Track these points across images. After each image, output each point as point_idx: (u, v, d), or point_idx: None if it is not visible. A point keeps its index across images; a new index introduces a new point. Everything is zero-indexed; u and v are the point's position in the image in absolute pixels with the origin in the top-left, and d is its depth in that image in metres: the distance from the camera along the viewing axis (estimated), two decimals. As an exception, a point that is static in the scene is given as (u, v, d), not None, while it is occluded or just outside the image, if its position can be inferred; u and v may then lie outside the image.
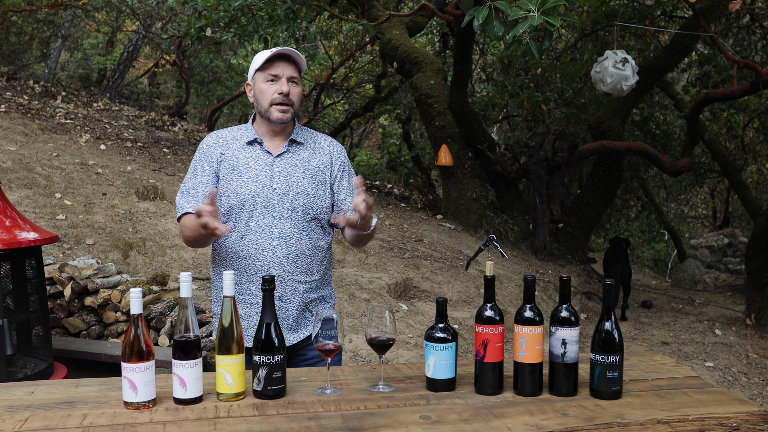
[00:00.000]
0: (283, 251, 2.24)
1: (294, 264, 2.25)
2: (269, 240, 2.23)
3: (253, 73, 2.32)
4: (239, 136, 2.34)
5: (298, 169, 2.29)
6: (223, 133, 2.36)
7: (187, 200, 2.28)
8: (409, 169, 14.38)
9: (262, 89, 2.28)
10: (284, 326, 2.26)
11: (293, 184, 2.26)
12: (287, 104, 2.26)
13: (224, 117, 18.57)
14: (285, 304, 2.26)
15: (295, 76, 2.29)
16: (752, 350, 6.65)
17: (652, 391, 1.84)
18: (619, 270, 7.82)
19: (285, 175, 2.27)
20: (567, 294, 1.81)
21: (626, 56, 6.69)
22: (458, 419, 1.62)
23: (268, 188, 2.25)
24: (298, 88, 2.30)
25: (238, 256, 2.25)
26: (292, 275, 2.25)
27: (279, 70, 2.26)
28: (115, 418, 1.61)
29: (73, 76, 16.04)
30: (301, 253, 2.26)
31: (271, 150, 2.30)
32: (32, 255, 2.96)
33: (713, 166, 12.80)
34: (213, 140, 2.33)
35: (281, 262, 2.23)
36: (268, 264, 2.23)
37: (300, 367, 2.23)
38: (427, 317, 5.65)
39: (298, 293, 2.27)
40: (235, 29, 6.80)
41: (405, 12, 10.70)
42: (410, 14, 8.59)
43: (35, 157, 6.98)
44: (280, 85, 2.25)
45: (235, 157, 2.29)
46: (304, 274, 2.28)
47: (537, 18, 2.97)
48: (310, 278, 2.30)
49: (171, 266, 5.56)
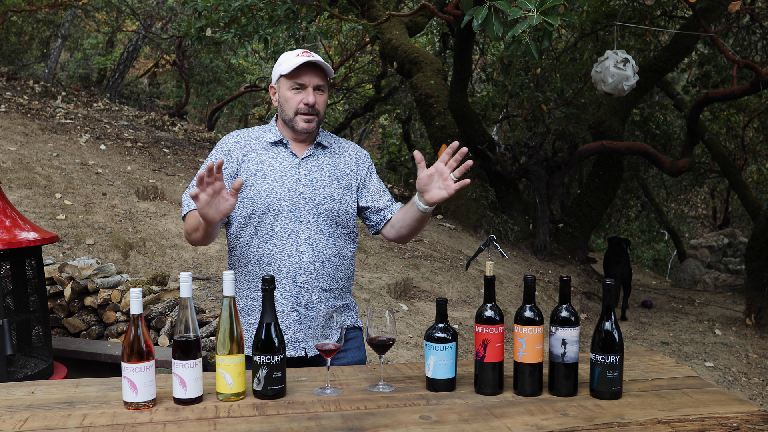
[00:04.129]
0: (309, 257, 2.16)
1: (320, 271, 2.17)
2: (296, 245, 2.15)
3: (277, 77, 2.24)
4: (262, 136, 2.27)
5: (324, 173, 2.23)
6: (244, 133, 2.29)
7: None
8: (409, 169, 14.39)
9: (287, 97, 2.20)
10: (311, 335, 2.16)
11: (320, 188, 2.20)
12: (313, 113, 2.20)
13: (224, 117, 18.58)
14: (312, 312, 2.17)
15: (322, 84, 2.21)
16: (752, 350, 6.65)
17: (652, 391, 1.84)
18: (620, 270, 7.82)
19: (311, 178, 2.20)
20: (567, 294, 1.81)
21: (627, 56, 6.70)
22: (458, 419, 1.62)
23: (295, 191, 2.17)
24: (323, 96, 2.23)
25: (262, 261, 2.16)
26: (319, 282, 2.18)
27: (306, 79, 2.18)
28: (115, 418, 1.61)
29: (73, 76, 16.04)
30: (328, 260, 2.19)
31: (296, 152, 2.23)
32: (32, 255, 2.96)
33: (713, 166, 12.80)
34: (235, 139, 2.26)
35: (308, 268, 2.15)
36: (294, 270, 2.15)
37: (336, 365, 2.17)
38: (427, 317, 5.65)
39: (324, 301, 2.19)
40: (235, 29, 6.80)
41: (405, 12, 10.70)
42: (410, 14, 8.59)
43: (35, 157, 6.98)
44: (306, 94, 2.18)
45: (259, 158, 2.21)
46: (330, 282, 2.20)
47: (536, 18, 2.97)
48: (336, 287, 2.23)
49: (171, 266, 5.56)
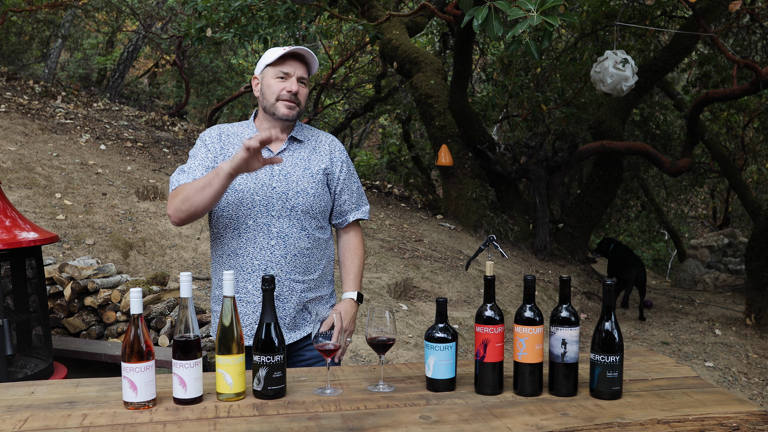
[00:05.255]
0: (280, 250, 2.22)
1: (292, 263, 2.23)
2: (267, 239, 2.21)
3: (262, 68, 2.29)
4: (240, 132, 2.33)
5: (298, 168, 2.28)
6: (225, 128, 2.34)
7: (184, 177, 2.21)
8: (409, 169, 14.39)
9: (270, 84, 2.26)
10: (281, 326, 2.25)
11: (293, 184, 2.25)
12: (294, 102, 2.26)
13: (224, 117, 18.56)
14: (282, 303, 2.24)
15: (305, 77, 2.29)
16: (752, 350, 6.65)
17: (652, 391, 1.84)
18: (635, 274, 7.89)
19: (285, 174, 2.25)
20: (567, 294, 1.81)
21: (626, 57, 6.70)
22: (458, 419, 1.62)
23: (268, 186, 2.23)
24: (305, 90, 2.30)
25: (236, 254, 2.23)
26: (290, 274, 2.24)
27: (291, 68, 2.25)
28: (115, 418, 1.61)
29: (73, 76, 16.04)
30: (299, 252, 2.24)
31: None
32: (32, 255, 2.96)
33: (713, 166, 12.80)
34: (216, 133, 2.31)
35: (279, 261, 2.22)
36: (265, 263, 2.21)
37: (298, 367, 2.23)
38: (427, 317, 5.65)
39: (296, 293, 2.25)
40: (235, 29, 6.80)
41: (405, 12, 10.70)
42: (410, 14, 8.59)
43: (35, 157, 6.98)
44: (290, 83, 2.24)
45: (235, 152, 2.25)
46: (301, 273, 2.26)
47: (536, 18, 2.97)
48: (308, 277, 2.28)
49: (171, 266, 5.56)
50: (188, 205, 2.12)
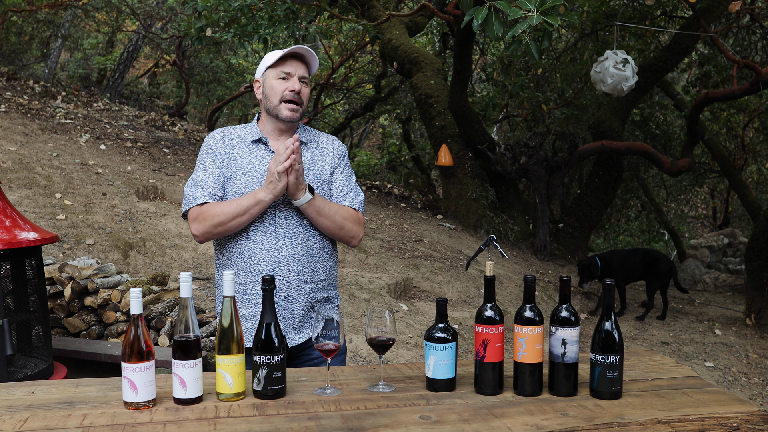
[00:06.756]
0: (288, 251, 2.22)
1: (300, 264, 2.23)
2: (275, 240, 2.22)
3: (263, 70, 2.30)
4: (244, 134, 2.33)
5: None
6: (228, 131, 2.35)
7: (201, 193, 2.22)
8: (409, 169, 14.39)
9: (272, 86, 2.26)
10: (289, 326, 2.24)
11: None
12: (297, 103, 2.26)
13: (224, 117, 18.57)
14: (291, 304, 2.24)
15: (306, 77, 2.30)
16: (752, 350, 6.65)
17: (652, 391, 1.84)
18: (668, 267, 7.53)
19: None
20: (567, 294, 1.81)
21: (626, 57, 6.70)
22: (458, 419, 1.62)
23: None
24: (307, 89, 2.31)
25: (243, 255, 2.23)
26: (299, 275, 2.23)
27: (291, 68, 2.27)
28: (115, 418, 1.61)
29: (73, 76, 16.04)
30: (307, 253, 2.25)
31: (275, 150, 2.28)
32: (32, 255, 2.96)
33: (713, 166, 12.80)
34: (219, 137, 2.32)
35: (287, 262, 2.22)
36: (273, 264, 2.21)
37: (305, 367, 2.23)
38: (427, 317, 5.65)
39: (304, 293, 2.25)
40: (235, 29, 6.80)
41: (405, 12, 10.70)
42: (410, 14, 8.59)
43: (35, 157, 6.98)
44: (292, 83, 2.25)
45: (240, 156, 2.27)
46: (310, 273, 2.26)
47: (536, 18, 2.97)
48: (316, 278, 2.28)
49: (171, 266, 5.56)
50: (222, 230, 2.19)
